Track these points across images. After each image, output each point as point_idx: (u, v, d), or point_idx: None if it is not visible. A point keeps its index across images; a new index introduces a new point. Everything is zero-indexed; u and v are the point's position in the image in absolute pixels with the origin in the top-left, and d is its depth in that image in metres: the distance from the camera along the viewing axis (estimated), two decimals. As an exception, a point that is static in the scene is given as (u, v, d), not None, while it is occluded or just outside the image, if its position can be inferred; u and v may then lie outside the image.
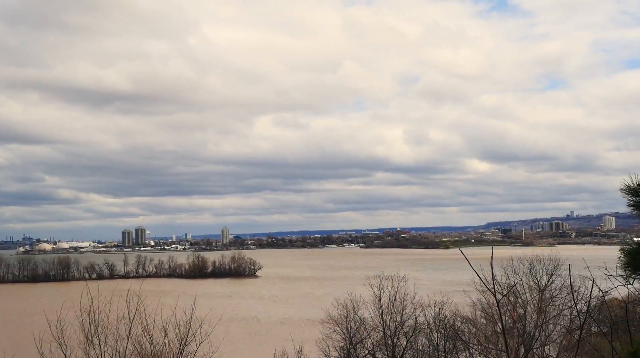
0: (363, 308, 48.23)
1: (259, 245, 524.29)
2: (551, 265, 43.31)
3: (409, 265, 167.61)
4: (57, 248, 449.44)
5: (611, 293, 10.30)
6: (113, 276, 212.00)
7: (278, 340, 48.97)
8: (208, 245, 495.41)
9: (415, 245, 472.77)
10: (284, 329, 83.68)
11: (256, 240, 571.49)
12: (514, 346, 35.41)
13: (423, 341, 46.40)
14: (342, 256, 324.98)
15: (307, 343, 43.76)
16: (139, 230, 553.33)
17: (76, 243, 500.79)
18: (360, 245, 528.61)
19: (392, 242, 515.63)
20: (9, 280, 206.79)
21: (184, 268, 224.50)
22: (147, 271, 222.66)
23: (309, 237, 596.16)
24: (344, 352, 46.99)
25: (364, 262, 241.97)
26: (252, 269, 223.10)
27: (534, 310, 40.43)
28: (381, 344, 46.21)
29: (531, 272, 43.16)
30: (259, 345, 76.33)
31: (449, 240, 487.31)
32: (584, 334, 23.97)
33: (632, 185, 6.69)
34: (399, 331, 45.78)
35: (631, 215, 7.00)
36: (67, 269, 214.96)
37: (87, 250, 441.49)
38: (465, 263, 9.34)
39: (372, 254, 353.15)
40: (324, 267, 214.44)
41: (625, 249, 6.95)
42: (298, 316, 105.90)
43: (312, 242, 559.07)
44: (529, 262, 44.34)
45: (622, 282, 7.14)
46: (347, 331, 47.16)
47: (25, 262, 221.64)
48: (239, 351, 71.20)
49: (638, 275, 6.84)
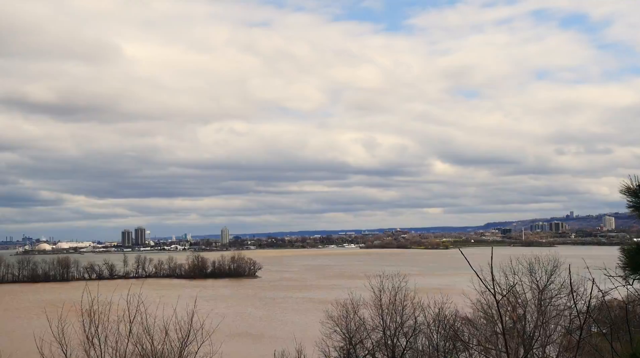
0: (363, 309, 48.25)
1: (258, 245, 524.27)
2: (551, 265, 43.30)
3: (409, 266, 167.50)
4: (57, 248, 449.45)
5: (611, 294, 10.33)
6: (113, 276, 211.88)
7: (278, 340, 48.98)
8: (208, 246, 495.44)
9: (415, 246, 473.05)
10: (284, 329, 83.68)
11: (256, 240, 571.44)
12: (514, 346, 35.45)
13: (423, 341, 46.45)
14: (341, 258, 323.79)
15: (307, 343, 43.76)
16: (138, 230, 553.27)
17: (76, 244, 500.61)
18: (360, 246, 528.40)
19: (391, 243, 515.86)
20: (9, 280, 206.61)
21: (183, 268, 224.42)
22: (147, 271, 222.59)
23: (308, 237, 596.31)
24: (344, 352, 47.03)
25: (363, 267, 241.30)
26: (251, 269, 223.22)
27: (534, 311, 40.45)
28: (381, 344, 46.26)
29: (531, 272, 43.16)
30: (259, 345, 76.35)
31: (449, 240, 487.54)
32: (583, 334, 23.97)
33: (632, 187, 6.73)
34: (399, 331, 45.83)
35: (631, 215, 7.02)
36: (67, 269, 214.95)
37: (86, 251, 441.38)
38: (465, 263, 9.37)
39: (371, 255, 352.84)
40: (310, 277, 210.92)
41: (625, 249, 6.98)
42: (298, 316, 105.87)
43: (312, 243, 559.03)
44: (529, 262, 44.33)
45: (622, 282, 7.17)
46: (347, 331, 47.20)
47: (24, 262, 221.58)
48: (239, 351, 71.20)
49: (638, 275, 6.87)
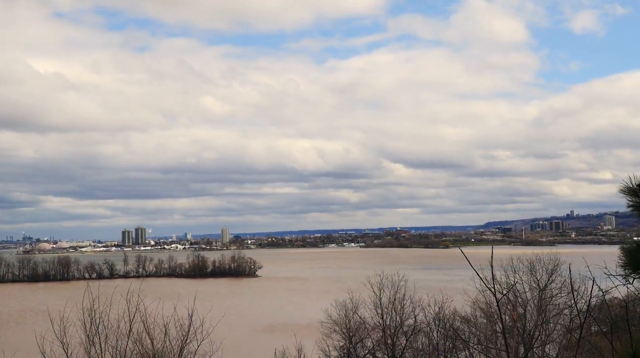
0: (363, 308, 48.26)
1: (259, 244, 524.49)
2: (551, 264, 43.35)
3: (409, 267, 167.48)
4: (57, 248, 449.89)
5: (611, 293, 10.32)
6: (113, 276, 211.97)
7: (278, 339, 48.98)
8: (208, 245, 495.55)
9: (415, 245, 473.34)
10: (284, 329, 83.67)
11: (256, 239, 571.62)
12: (514, 345, 35.49)
13: (423, 340, 46.47)
14: (341, 260, 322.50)
15: (307, 343, 43.77)
16: (138, 229, 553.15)
17: (76, 243, 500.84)
18: (360, 245, 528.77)
19: (391, 242, 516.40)
20: (9, 279, 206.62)
21: (183, 267, 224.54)
22: (147, 270, 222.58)
23: (309, 236, 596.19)
24: (344, 351, 47.07)
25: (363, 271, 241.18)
26: (252, 269, 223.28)
27: (534, 310, 40.48)
28: (381, 343, 46.29)
29: (531, 272, 43.20)
30: (259, 345, 76.32)
31: (449, 239, 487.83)
32: (584, 333, 23.98)
33: (632, 186, 6.73)
34: (399, 330, 45.85)
35: (631, 214, 7.03)
36: (67, 269, 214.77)
37: (87, 250, 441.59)
38: (465, 263, 9.36)
39: (371, 255, 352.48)
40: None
41: (625, 248, 6.97)
42: (298, 315, 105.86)
43: (312, 242, 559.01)
44: (529, 261, 44.37)
45: (622, 281, 7.16)
46: (347, 331, 47.25)
47: (25, 261, 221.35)
48: (239, 351, 71.21)
49: (638, 274, 6.87)
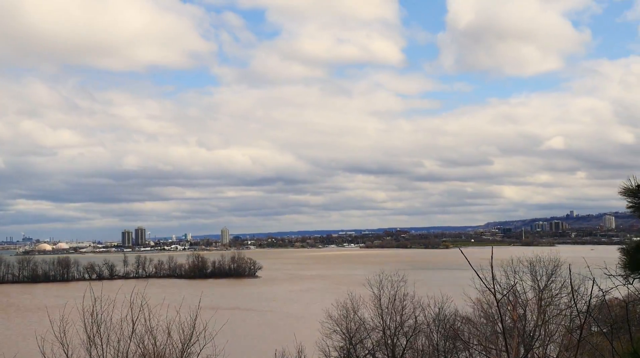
0: (363, 308, 48.27)
1: (259, 245, 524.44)
2: (551, 264, 43.34)
3: (409, 267, 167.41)
4: (57, 248, 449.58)
5: (611, 293, 10.33)
6: (113, 276, 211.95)
7: (278, 339, 48.98)
8: (208, 245, 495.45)
9: (415, 246, 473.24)
10: (285, 329, 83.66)
11: (256, 240, 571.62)
12: (514, 346, 35.51)
13: (423, 341, 46.45)
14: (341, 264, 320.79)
15: (307, 343, 43.79)
16: (138, 230, 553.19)
17: (76, 244, 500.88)
18: (360, 245, 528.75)
19: (391, 242, 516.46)
20: (9, 280, 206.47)
21: (183, 268, 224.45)
22: (147, 271, 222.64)
23: (308, 237, 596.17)
24: (344, 352, 47.07)
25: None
26: (252, 269, 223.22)
27: (534, 310, 40.49)
28: (381, 344, 46.29)
29: (531, 272, 43.20)
30: (259, 345, 76.34)
31: (449, 240, 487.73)
32: (584, 334, 24.01)
33: (631, 187, 6.77)
34: (399, 331, 45.86)
35: (631, 214, 7.07)
36: (67, 269, 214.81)
37: (86, 251, 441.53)
38: (465, 263, 9.39)
39: (372, 255, 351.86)
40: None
41: (625, 249, 7.02)
42: (298, 316, 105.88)
43: (312, 242, 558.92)
44: (529, 261, 44.37)
45: (622, 281, 7.20)
46: (347, 331, 47.24)
47: (25, 262, 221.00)
48: (239, 351, 71.22)
49: (638, 274, 6.90)
